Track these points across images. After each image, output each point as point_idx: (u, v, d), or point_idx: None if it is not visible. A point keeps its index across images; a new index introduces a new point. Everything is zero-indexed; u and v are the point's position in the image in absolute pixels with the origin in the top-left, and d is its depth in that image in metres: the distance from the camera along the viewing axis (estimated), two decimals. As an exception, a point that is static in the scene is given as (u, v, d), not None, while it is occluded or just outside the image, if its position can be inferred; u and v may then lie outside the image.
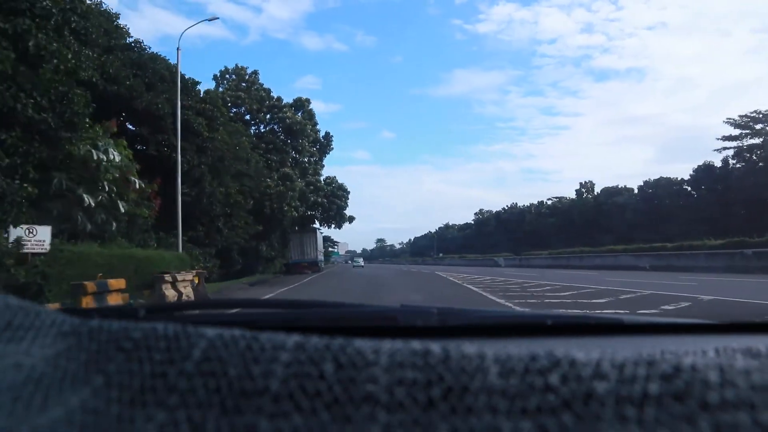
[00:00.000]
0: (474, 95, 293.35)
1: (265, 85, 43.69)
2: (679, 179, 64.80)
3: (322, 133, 50.32)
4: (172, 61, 24.71)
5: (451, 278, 24.57)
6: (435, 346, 0.33)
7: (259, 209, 33.82)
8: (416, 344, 0.34)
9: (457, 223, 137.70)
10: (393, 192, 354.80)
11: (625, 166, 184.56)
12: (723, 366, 0.30)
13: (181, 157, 22.57)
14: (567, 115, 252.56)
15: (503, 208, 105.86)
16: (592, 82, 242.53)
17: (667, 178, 66.92)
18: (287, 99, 45.65)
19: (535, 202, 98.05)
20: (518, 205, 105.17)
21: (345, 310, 1.09)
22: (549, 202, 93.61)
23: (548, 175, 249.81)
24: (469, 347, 0.33)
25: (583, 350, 0.33)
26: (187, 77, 25.18)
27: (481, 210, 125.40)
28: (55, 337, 0.40)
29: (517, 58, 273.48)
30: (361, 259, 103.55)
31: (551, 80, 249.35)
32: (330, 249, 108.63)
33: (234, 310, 1.25)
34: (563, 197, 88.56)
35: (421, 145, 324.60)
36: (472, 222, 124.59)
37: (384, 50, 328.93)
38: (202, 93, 26.65)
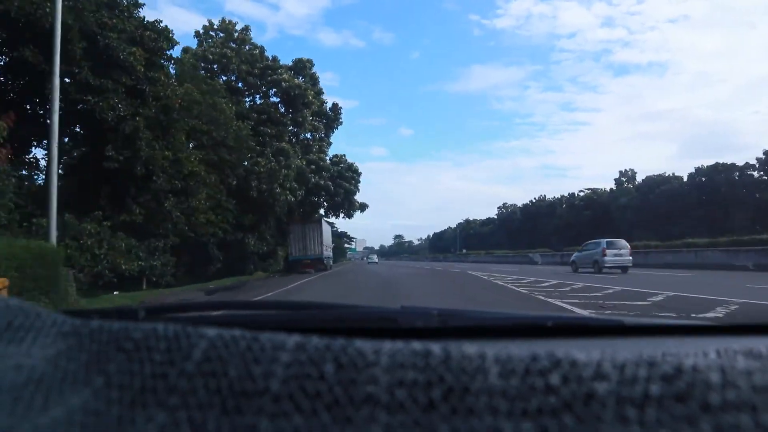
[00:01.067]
0: (492, 91, 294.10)
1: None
2: (742, 164, 56.44)
3: (329, 105, 40.00)
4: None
5: (496, 281, 17.30)
6: (435, 347, 0.33)
7: (244, 191, 26.09)
8: (417, 345, 0.34)
9: (478, 219, 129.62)
10: (411, 188, 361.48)
11: (647, 162, 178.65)
12: (724, 367, 0.30)
13: (105, 101, 14.99)
14: (586, 111, 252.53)
15: (531, 201, 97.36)
16: (612, 77, 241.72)
17: (725, 163, 58.81)
18: (286, 61, 36.18)
19: (566, 194, 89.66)
20: (546, 197, 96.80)
21: (345, 311, 1.09)
22: (581, 194, 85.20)
23: (567, 171, 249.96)
24: (470, 348, 0.33)
25: (584, 351, 0.33)
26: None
27: (504, 204, 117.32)
28: (56, 338, 0.40)
29: (535, 53, 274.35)
30: (375, 256, 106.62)
31: (570, 75, 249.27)
32: (346, 245, 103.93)
33: (234, 312, 1.24)
34: (598, 189, 80.00)
35: (439, 142, 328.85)
36: (495, 217, 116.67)
37: (401, 46, 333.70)
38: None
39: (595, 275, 20.33)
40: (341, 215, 44.35)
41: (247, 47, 33.80)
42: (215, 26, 34.07)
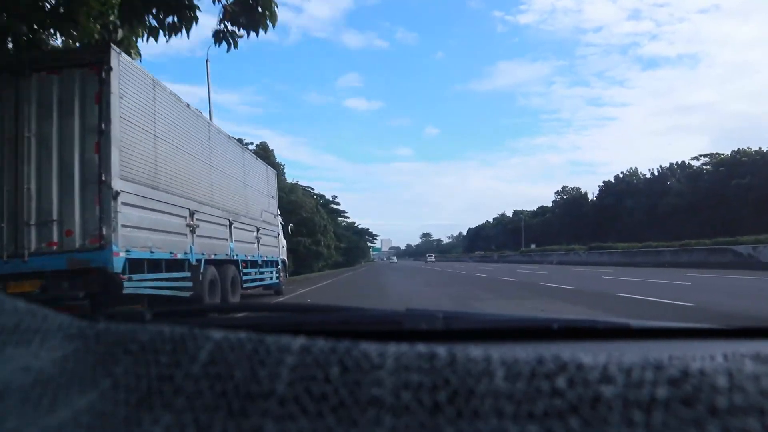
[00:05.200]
0: (518, 88, 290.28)
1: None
2: None
3: None
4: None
5: None
6: (441, 350, 0.33)
7: None
8: (422, 348, 0.34)
9: (524, 209, 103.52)
10: (438, 188, 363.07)
11: (678, 157, 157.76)
12: (732, 371, 0.30)
13: None
14: (614, 106, 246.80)
15: (618, 175, 71.51)
16: (640, 71, 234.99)
17: None
18: None
19: (674, 163, 63.42)
20: (639, 171, 70.59)
21: (350, 313, 1.08)
22: (698, 162, 59.14)
23: (596, 167, 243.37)
24: (475, 350, 0.33)
25: (590, 354, 0.32)
26: None
27: (564, 188, 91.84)
28: (63, 340, 0.40)
29: (560, 49, 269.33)
30: (395, 257, 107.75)
31: (597, 70, 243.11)
32: (369, 244, 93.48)
33: (239, 314, 1.23)
34: (747, 148, 53.41)
35: (465, 140, 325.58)
36: (553, 204, 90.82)
37: (426, 46, 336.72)
38: None
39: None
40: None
41: None
42: None
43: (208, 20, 6.47)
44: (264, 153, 49.86)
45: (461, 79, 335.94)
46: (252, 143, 46.47)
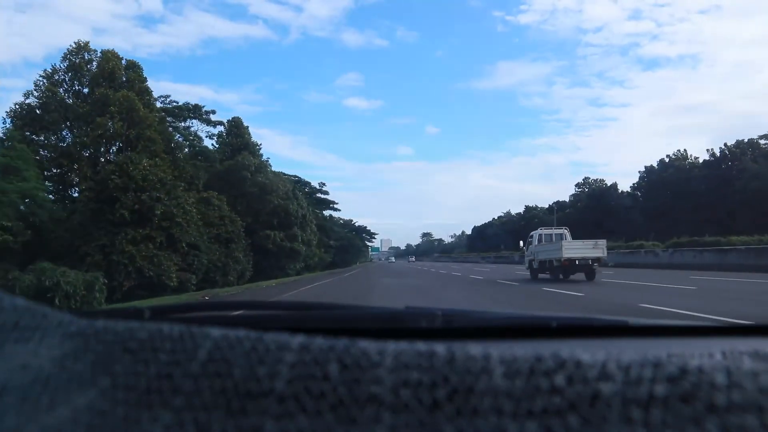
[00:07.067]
0: (518, 87, 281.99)
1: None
2: None
3: None
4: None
5: None
6: (440, 348, 0.33)
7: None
8: (421, 345, 0.34)
9: (538, 205, 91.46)
10: (438, 187, 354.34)
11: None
12: (730, 368, 0.30)
13: None
14: (614, 106, 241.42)
15: (663, 159, 59.43)
16: (641, 71, 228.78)
17: None
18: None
19: (741, 140, 51.40)
20: (689, 154, 58.68)
21: (350, 311, 1.08)
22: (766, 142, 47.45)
23: (596, 168, 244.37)
24: (474, 348, 0.33)
25: (589, 352, 0.32)
26: None
27: (586, 180, 79.74)
28: (62, 338, 0.40)
29: (561, 49, 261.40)
30: (393, 258, 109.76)
31: (597, 70, 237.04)
32: (369, 243, 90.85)
33: (238, 312, 1.22)
34: None
35: (466, 140, 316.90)
36: (573, 198, 78.69)
37: (426, 45, 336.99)
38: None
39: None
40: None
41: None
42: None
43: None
44: (237, 130, 37.58)
45: (462, 79, 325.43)
46: (214, 111, 34.59)
